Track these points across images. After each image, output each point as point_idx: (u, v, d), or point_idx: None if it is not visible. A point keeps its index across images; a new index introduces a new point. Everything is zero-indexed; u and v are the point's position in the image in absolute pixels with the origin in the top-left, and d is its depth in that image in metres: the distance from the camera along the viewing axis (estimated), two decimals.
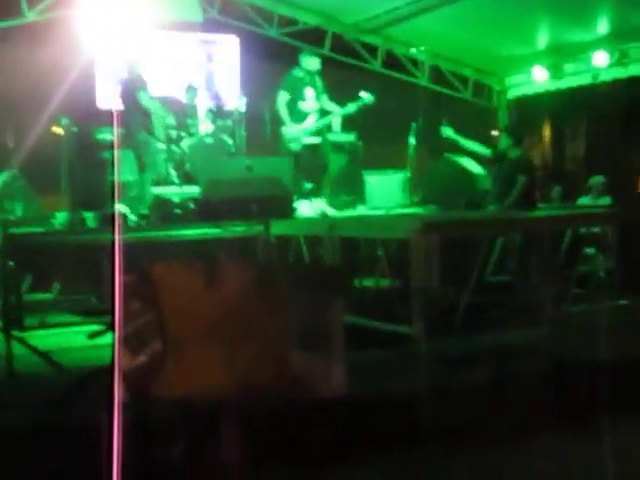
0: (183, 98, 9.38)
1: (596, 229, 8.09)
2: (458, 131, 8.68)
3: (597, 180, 10.36)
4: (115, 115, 8.80)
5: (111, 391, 3.13)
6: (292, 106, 8.57)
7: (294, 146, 8.59)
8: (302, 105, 8.62)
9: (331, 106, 8.81)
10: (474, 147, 8.82)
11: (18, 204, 7.70)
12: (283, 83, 8.79)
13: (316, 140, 8.68)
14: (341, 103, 8.93)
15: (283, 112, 8.56)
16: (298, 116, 8.59)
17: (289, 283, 3.49)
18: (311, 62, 8.84)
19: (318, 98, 8.73)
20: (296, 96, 8.63)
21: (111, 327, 3.40)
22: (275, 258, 6.52)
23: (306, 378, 3.38)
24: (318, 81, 8.81)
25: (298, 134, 8.51)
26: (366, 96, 8.60)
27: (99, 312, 5.45)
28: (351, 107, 8.63)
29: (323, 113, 8.78)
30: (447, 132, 8.58)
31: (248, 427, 3.38)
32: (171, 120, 8.80)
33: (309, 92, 8.67)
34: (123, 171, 8.21)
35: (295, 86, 8.67)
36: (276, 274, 3.61)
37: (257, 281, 3.40)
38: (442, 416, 4.19)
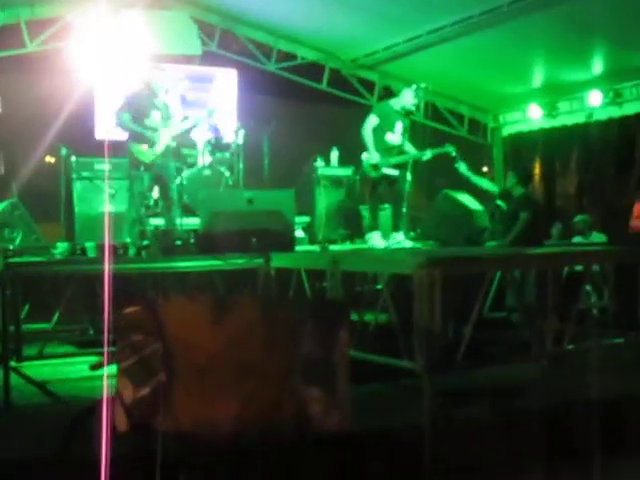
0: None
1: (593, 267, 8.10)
2: (453, 168, 8.72)
3: (580, 219, 10.50)
4: (107, 146, 8.79)
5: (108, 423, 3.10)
6: (379, 134, 8.35)
7: (374, 174, 8.41)
8: (388, 136, 8.41)
9: (409, 147, 8.60)
10: (483, 184, 8.89)
11: (18, 233, 7.63)
12: (376, 109, 8.63)
13: (395, 172, 8.43)
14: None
15: (368, 136, 8.32)
16: (381, 145, 8.37)
17: (294, 316, 3.48)
18: (411, 99, 8.59)
19: (403, 135, 8.53)
20: (385, 125, 8.41)
21: (112, 359, 3.38)
22: (276, 291, 6.49)
23: (311, 413, 3.36)
24: (407, 121, 8.60)
25: (381, 163, 8.33)
26: (447, 147, 8.49)
27: (97, 343, 5.42)
28: (428, 154, 8.44)
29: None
30: (461, 168, 8.55)
31: (248, 463, 3.34)
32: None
33: (398, 126, 8.47)
34: (122, 202, 8.19)
35: (387, 116, 8.45)
36: (280, 307, 3.59)
37: (262, 314, 3.39)
38: (447, 450, 4.28)
